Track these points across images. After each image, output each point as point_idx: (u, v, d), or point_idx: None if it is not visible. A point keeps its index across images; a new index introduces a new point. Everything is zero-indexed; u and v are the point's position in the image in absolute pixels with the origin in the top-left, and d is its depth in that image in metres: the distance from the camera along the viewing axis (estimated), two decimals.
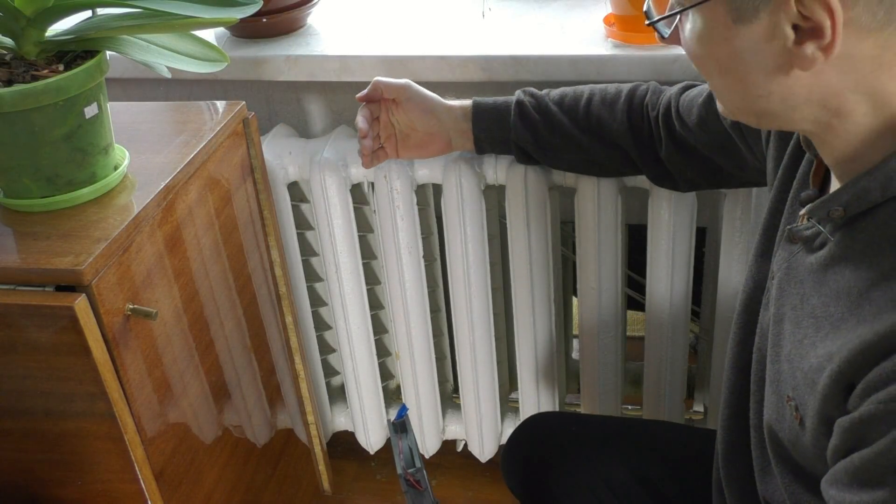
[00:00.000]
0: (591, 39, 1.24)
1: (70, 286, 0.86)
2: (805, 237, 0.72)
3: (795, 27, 0.61)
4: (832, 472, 0.65)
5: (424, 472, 0.96)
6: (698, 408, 1.53)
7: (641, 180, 1.21)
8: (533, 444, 1.15)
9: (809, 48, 0.60)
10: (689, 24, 0.67)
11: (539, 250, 1.28)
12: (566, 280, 1.51)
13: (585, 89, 1.10)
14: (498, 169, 1.24)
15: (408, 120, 1.14)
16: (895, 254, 0.62)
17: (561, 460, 1.10)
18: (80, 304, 0.85)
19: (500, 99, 1.13)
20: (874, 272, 0.63)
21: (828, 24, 0.59)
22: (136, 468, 0.96)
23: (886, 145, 0.63)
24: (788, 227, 0.75)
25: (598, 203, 1.21)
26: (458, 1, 1.42)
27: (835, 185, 0.70)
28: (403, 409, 1.01)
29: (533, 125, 1.10)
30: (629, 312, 1.54)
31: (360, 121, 1.12)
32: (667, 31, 0.70)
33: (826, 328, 0.66)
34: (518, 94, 1.12)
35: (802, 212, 0.72)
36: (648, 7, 0.74)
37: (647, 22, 0.72)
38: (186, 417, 1.06)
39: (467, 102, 1.14)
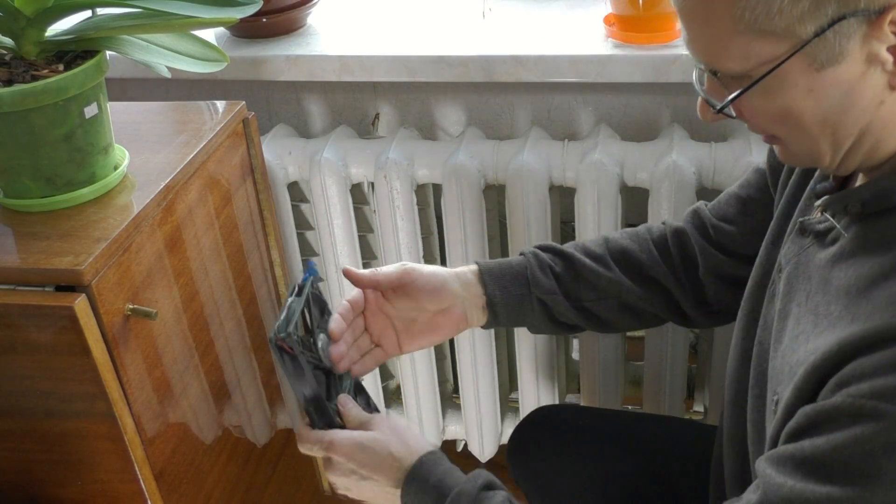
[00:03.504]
0: (591, 39, 1.24)
1: (70, 286, 0.86)
2: (817, 231, 0.71)
3: (891, 48, 0.59)
4: (775, 452, 0.64)
5: (318, 340, 0.86)
6: (698, 408, 1.53)
7: (641, 180, 1.21)
8: (539, 435, 1.14)
9: None
10: (757, 92, 0.62)
11: None
12: None
13: (597, 237, 1.00)
14: (498, 169, 1.25)
15: (413, 305, 0.93)
16: None
17: (566, 452, 1.09)
18: (80, 304, 0.85)
19: (506, 259, 0.98)
20: (879, 270, 0.62)
21: None
22: (136, 468, 0.96)
23: None
24: (801, 219, 0.73)
25: (598, 203, 1.21)
26: (458, 1, 1.42)
27: (860, 181, 0.69)
28: (310, 270, 0.89)
29: (554, 271, 0.95)
30: None
31: (337, 322, 0.89)
32: (733, 111, 0.66)
33: (823, 325, 0.65)
34: (526, 250, 0.98)
35: (818, 203, 0.71)
36: (704, 91, 0.68)
37: (715, 110, 0.66)
38: (186, 417, 1.06)
39: (471, 266, 0.96)
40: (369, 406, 0.95)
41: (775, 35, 0.58)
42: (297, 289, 0.88)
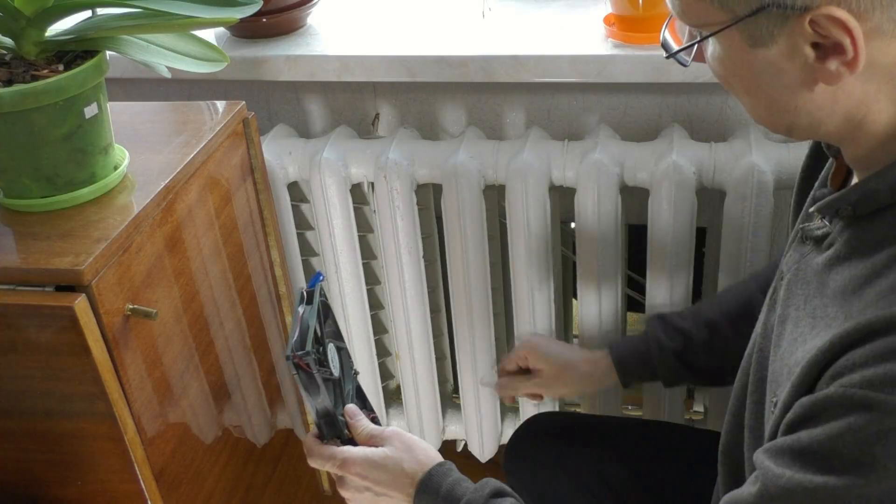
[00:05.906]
0: (591, 39, 1.24)
1: (70, 286, 0.86)
2: (816, 237, 0.72)
3: (816, 45, 0.60)
4: (772, 444, 0.65)
5: (328, 350, 0.89)
6: (698, 408, 1.53)
7: (641, 180, 1.21)
8: (534, 443, 1.15)
9: (833, 64, 0.60)
10: (710, 49, 0.67)
11: (539, 250, 1.28)
12: (566, 280, 1.51)
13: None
14: (498, 169, 1.25)
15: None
16: (892, 250, 0.62)
17: (561, 459, 1.09)
18: (80, 304, 0.85)
19: (635, 338, 1.11)
20: (871, 269, 0.63)
21: (847, 41, 0.58)
22: (136, 468, 0.96)
23: None
24: (801, 226, 0.75)
25: (598, 203, 1.21)
26: (458, 1, 1.42)
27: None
28: (317, 276, 0.92)
29: (676, 352, 1.06)
30: (629, 312, 1.54)
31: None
32: (687, 60, 0.71)
33: (820, 327, 0.66)
34: (649, 327, 1.10)
35: (812, 208, 0.72)
36: (665, 39, 0.74)
37: (665, 55, 0.73)
38: (186, 417, 1.06)
39: (604, 355, 1.12)
40: (366, 407, 0.97)
41: (721, 5, 0.63)
42: (304, 296, 0.90)
